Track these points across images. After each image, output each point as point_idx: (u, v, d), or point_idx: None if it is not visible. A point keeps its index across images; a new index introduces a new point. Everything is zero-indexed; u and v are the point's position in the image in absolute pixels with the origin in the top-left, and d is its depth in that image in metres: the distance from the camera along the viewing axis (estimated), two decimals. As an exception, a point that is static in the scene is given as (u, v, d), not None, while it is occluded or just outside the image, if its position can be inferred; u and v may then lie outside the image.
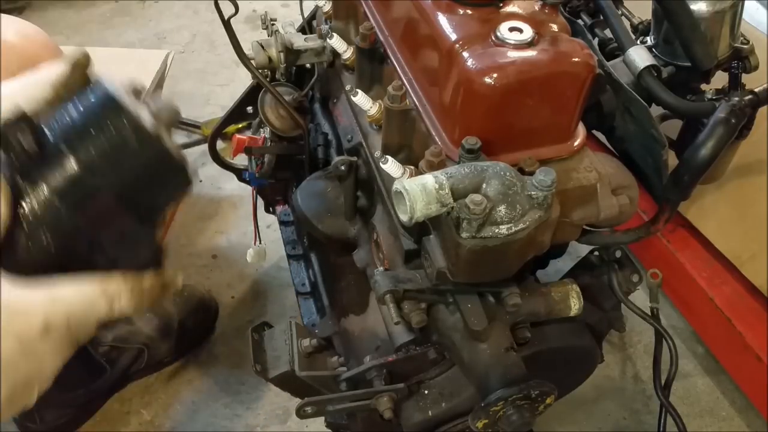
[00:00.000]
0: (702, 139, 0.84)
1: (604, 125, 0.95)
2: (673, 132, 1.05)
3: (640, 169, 0.91)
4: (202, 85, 2.23)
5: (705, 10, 0.94)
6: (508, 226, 0.70)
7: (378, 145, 0.91)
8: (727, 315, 1.31)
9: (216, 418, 1.39)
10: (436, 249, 0.78)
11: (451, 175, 0.70)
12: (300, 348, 0.94)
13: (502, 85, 0.74)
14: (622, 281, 0.98)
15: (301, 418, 0.87)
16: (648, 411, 1.42)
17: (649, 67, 0.91)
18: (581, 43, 0.79)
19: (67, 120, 0.59)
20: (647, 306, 1.05)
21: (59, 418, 1.32)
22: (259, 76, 1.07)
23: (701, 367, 1.49)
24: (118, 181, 0.60)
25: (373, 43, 0.96)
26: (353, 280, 1.12)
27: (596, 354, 1.00)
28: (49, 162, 0.57)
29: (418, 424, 0.89)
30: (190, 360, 1.47)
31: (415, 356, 0.88)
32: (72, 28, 2.45)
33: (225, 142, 1.70)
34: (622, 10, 1.07)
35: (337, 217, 1.01)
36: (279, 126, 1.17)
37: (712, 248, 1.37)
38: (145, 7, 2.58)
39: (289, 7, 2.53)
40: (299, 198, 1.03)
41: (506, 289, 0.82)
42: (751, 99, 0.89)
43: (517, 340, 0.86)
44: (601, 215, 0.85)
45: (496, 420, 0.82)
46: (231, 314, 1.56)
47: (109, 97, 0.60)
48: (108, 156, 0.59)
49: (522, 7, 0.82)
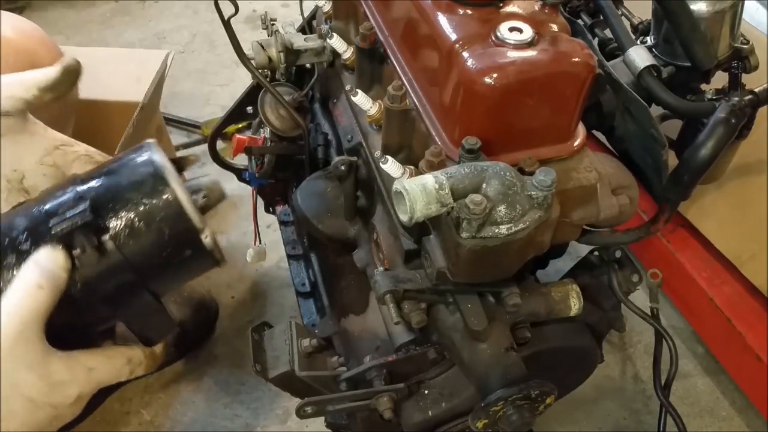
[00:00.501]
0: (702, 139, 0.84)
1: (604, 125, 0.95)
2: (673, 132, 1.05)
3: (640, 169, 0.91)
4: (202, 85, 2.23)
5: (705, 10, 0.94)
6: (508, 226, 0.70)
7: (378, 145, 0.91)
8: (727, 315, 1.31)
9: (216, 418, 1.39)
10: (436, 249, 0.78)
11: (451, 175, 0.70)
12: (300, 348, 0.94)
13: (502, 85, 0.74)
14: (622, 281, 0.98)
15: (301, 418, 0.87)
16: (648, 411, 1.42)
17: (649, 67, 0.91)
18: (581, 43, 0.79)
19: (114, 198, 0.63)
20: (647, 306, 1.06)
21: None
22: (259, 76, 1.07)
23: (701, 367, 1.49)
24: (152, 274, 0.65)
25: (373, 43, 0.96)
26: (353, 280, 1.12)
27: (596, 354, 1.00)
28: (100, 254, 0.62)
29: (418, 424, 0.89)
30: (190, 360, 1.47)
31: (415, 356, 0.88)
32: (72, 28, 2.45)
33: (225, 142, 1.71)
34: (622, 10, 1.07)
35: (337, 217, 1.01)
36: (279, 126, 1.17)
37: (712, 248, 1.37)
38: (145, 7, 2.58)
39: (289, 7, 2.53)
40: (299, 198, 1.03)
41: (506, 289, 0.82)
42: (751, 99, 0.89)
43: (517, 340, 0.86)
44: (601, 215, 0.85)
45: (496, 420, 0.82)
46: (231, 314, 1.56)
47: (167, 191, 0.64)
48: (148, 254, 0.63)
49: (522, 7, 0.82)
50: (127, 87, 1.51)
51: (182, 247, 0.64)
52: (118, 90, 1.50)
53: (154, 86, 1.53)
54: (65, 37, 2.38)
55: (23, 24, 1.00)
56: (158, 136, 1.67)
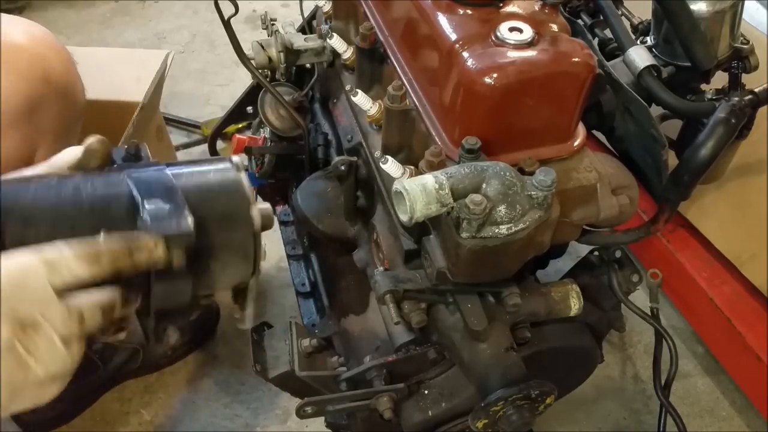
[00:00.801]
0: (702, 139, 0.84)
1: (604, 125, 0.95)
2: (673, 132, 1.05)
3: (640, 169, 0.91)
4: (202, 85, 2.22)
5: (705, 10, 0.94)
6: (508, 226, 0.70)
7: (378, 145, 0.91)
8: (727, 315, 1.31)
9: (216, 418, 1.39)
10: (436, 249, 0.78)
11: (451, 175, 0.70)
12: (300, 348, 0.94)
13: (502, 85, 0.74)
14: (622, 281, 0.98)
15: (301, 418, 0.87)
16: (648, 411, 1.41)
17: (649, 67, 0.91)
18: (581, 43, 0.79)
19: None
20: (647, 306, 1.06)
21: (50, 410, 1.31)
22: (259, 76, 1.07)
23: (701, 367, 1.49)
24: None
25: (373, 43, 0.96)
26: (353, 280, 1.12)
27: (596, 354, 1.00)
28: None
29: (418, 424, 0.89)
30: (190, 360, 1.47)
31: (415, 356, 0.88)
32: (72, 28, 2.45)
33: (225, 142, 1.70)
34: (622, 10, 1.07)
35: (337, 217, 1.01)
36: (279, 126, 1.17)
37: (712, 248, 1.37)
38: (145, 7, 2.58)
39: (289, 7, 2.53)
40: (299, 198, 1.03)
41: (506, 289, 0.82)
42: (751, 99, 0.89)
43: (517, 340, 0.86)
44: (601, 215, 0.85)
45: (496, 420, 0.82)
46: (231, 314, 1.56)
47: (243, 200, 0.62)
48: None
49: (522, 7, 0.82)
50: (127, 87, 1.51)
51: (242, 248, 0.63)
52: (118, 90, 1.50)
53: (154, 86, 1.53)
54: (65, 37, 2.38)
55: (34, 29, 1.00)
56: (158, 136, 1.67)
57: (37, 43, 0.97)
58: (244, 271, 0.65)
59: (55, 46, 1.00)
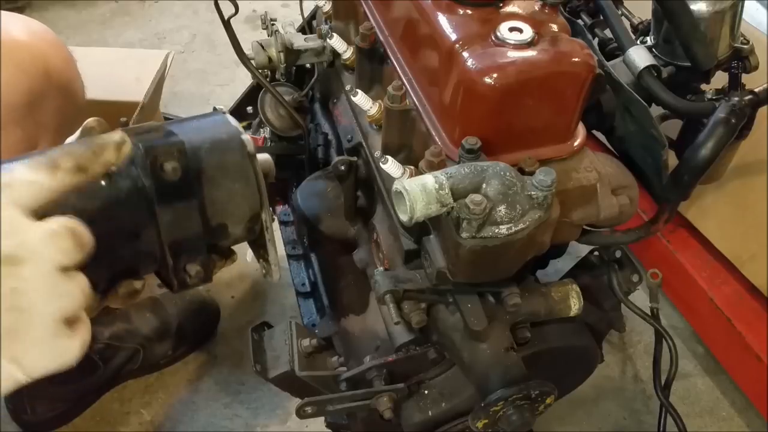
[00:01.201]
0: (702, 139, 0.84)
1: (604, 125, 0.95)
2: (673, 132, 1.05)
3: (640, 169, 0.91)
4: (202, 85, 2.22)
5: (705, 10, 0.94)
6: (508, 226, 0.70)
7: (378, 145, 0.91)
8: (727, 315, 1.31)
9: (216, 418, 1.39)
10: (436, 249, 0.78)
11: (451, 175, 0.70)
12: (300, 348, 0.94)
13: (502, 85, 0.74)
14: (622, 281, 0.98)
15: (301, 418, 0.87)
16: (648, 411, 1.42)
17: (649, 67, 0.91)
18: (581, 43, 0.79)
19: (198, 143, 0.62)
20: (647, 306, 1.06)
21: (50, 411, 1.32)
22: (259, 76, 1.07)
23: (701, 367, 1.49)
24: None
25: (373, 43, 0.96)
26: (353, 280, 1.12)
27: (596, 354, 1.00)
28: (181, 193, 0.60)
29: (418, 424, 0.89)
30: (190, 360, 1.47)
31: (415, 356, 0.88)
32: (72, 28, 2.45)
33: (225, 142, 1.70)
34: (622, 10, 1.07)
35: (337, 217, 1.01)
36: (279, 126, 1.17)
37: (712, 248, 1.37)
38: (145, 7, 2.58)
39: (289, 7, 2.53)
40: (299, 198, 1.03)
41: (506, 289, 0.82)
42: (751, 99, 0.89)
43: (517, 340, 0.86)
44: (601, 215, 0.85)
45: (496, 420, 0.82)
46: (231, 314, 1.56)
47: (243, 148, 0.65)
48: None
49: (522, 7, 0.82)
50: (127, 87, 1.51)
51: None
52: (118, 90, 1.50)
53: (154, 86, 1.53)
54: (65, 37, 2.38)
55: (35, 26, 1.00)
56: (158, 136, 1.67)
57: (38, 39, 0.98)
58: (251, 197, 0.66)
59: (55, 43, 1.01)
